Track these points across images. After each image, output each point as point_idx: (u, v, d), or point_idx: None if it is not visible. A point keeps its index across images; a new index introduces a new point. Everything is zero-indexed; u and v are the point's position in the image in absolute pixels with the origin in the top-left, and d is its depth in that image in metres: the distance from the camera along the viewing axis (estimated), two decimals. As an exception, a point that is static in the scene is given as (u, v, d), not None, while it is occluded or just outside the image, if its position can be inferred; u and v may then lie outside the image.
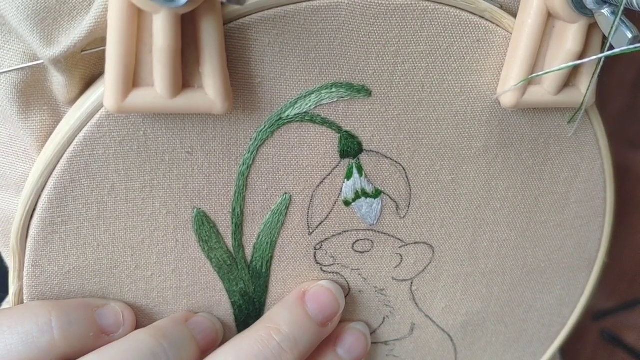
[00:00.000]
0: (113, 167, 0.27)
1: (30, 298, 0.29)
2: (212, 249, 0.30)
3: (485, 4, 0.27)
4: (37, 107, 0.27)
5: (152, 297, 0.31)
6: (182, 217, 0.29)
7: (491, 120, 0.30)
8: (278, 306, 0.31)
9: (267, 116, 0.28)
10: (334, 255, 0.32)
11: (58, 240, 0.28)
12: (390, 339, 0.36)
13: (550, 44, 0.27)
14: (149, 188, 0.28)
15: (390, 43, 0.27)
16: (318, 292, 0.32)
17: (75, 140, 0.26)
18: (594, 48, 0.28)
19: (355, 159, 0.30)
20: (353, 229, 0.32)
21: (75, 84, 0.26)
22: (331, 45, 0.27)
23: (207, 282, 0.31)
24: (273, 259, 0.31)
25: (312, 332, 0.30)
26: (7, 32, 0.25)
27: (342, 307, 0.32)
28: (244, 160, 0.29)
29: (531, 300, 0.37)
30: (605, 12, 0.25)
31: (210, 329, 0.31)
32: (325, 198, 0.31)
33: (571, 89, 0.29)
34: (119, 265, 0.29)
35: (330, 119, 0.29)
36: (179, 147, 0.27)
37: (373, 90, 0.28)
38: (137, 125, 0.26)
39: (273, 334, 0.29)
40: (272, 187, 0.30)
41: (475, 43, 0.28)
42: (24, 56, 0.25)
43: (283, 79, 0.27)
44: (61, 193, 0.27)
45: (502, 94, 0.28)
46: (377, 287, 0.34)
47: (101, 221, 0.28)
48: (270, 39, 0.26)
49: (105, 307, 0.29)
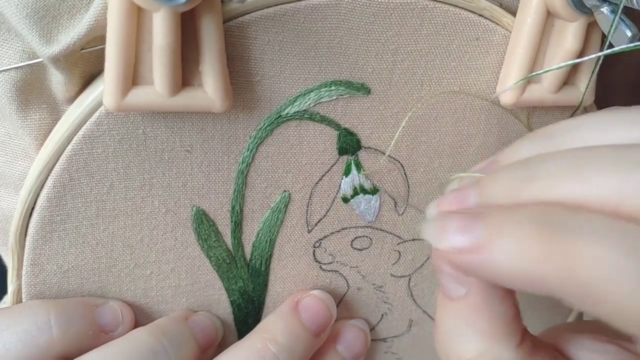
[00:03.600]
0: (112, 166, 0.27)
1: (28, 297, 0.29)
2: (211, 248, 0.30)
3: (484, 3, 0.27)
4: (36, 105, 0.26)
5: (151, 295, 0.30)
6: (181, 215, 0.29)
7: (490, 118, 0.30)
8: (272, 316, 0.31)
9: (266, 114, 0.28)
10: (333, 253, 0.32)
11: (57, 238, 0.28)
12: (389, 336, 0.36)
13: (549, 42, 0.27)
14: (148, 186, 0.28)
15: (390, 41, 0.27)
16: (311, 302, 0.32)
17: (75, 139, 0.26)
18: (593, 46, 0.28)
19: (354, 155, 0.30)
20: (352, 226, 0.32)
21: (74, 82, 0.26)
22: (330, 44, 0.27)
23: (206, 280, 0.31)
24: (272, 257, 0.31)
25: (307, 342, 0.31)
26: (6, 31, 0.25)
27: (334, 317, 0.32)
28: (243, 159, 0.29)
29: (531, 299, 0.37)
30: (605, 11, 0.25)
31: (209, 328, 0.31)
32: (324, 195, 0.31)
33: (570, 87, 0.29)
34: (117, 264, 0.29)
35: (329, 117, 0.29)
36: (178, 146, 0.27)
37: (372, 88, 0.28)
38: (137, 124, 0.26)
39: (269, 345, 0.29)
40: (271, 185, 0.30)
41: (475, 41, 0.28)
42: (23, 54, 0.25)
43: (282, 77, 0.27)
44: (60, 191, 0.27)
45: (502, 92, 0.28)
46: (375, 284, 0.34)
47: (100, 220, 0.28)
48: (269, 37, 0.26)
49: (104, 305, 0.29)
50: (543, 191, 0.20)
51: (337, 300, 0.33)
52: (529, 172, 0.21)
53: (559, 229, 0.18)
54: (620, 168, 0.19)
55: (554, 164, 0.21)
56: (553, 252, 0.18)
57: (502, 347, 0.23)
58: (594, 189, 0.20)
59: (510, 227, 0.19)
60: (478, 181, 0.23)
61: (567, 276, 0.18)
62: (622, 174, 0.19)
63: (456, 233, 0.20)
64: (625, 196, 0.19)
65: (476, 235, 0.20)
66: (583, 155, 0.21)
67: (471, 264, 0.20)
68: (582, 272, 0.18)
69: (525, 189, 0.21)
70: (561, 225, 0.19)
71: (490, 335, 0.23)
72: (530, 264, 0.19)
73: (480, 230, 0.20)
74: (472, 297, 0.23)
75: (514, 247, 0.19)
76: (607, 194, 0.19)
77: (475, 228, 0.20)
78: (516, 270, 0.19)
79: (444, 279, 0.24)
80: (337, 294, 0.34)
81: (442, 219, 0.21)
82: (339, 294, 0.34)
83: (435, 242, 0.21)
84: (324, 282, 0.33)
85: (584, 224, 0.18)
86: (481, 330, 0.23)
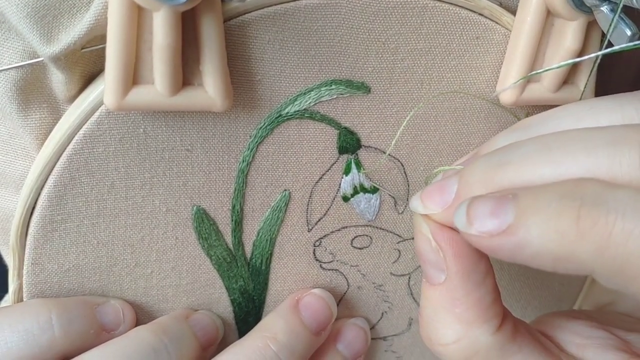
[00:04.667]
0: (113, 165, 0.27)
1: (29, 296, 0.29)
2: (212, 247, 0.30)
3: (484, 2, 0.27)
4: (36, 104, 0.26)
5: (152, 294, 0.31)
6: (181, 214, 0.29)
7: (489, 117, 0.31)
8: (273, 314, 0.31)
9: (266, 113, 0.28)
10: (333, 252, 0.32)
11: (58, 238, 0.28)
12: (389, 335, 0.36)
13: (549, 41, 0.27)
14: (149, 186, 0.28)
15: (390, 40, 0.27)
16: (311, 300, 0.32)
17: (75, 138, 0.26)
18: (593, 46, 0.28)
19: (354, 154, 0.30)
20: (352, 225, 0.32)
21: (75, 81, 0.26)
22: (331, 43, 0.27)
23: (206, 279, 0.31)
24: (272, 256, 0.31)
25: (307, 340, 0.31)
26: (7, 30, 0.25)
27: (334, 315, 0.32)
28: (244, 158, 0.29)
29: (529, 296, 0.37)
30: (605, 10, 0.25)
31: (210, 326, 0.31)
32: (324, 194, 0.31)
33: (570, 86, 0.29)
34: (118, 263, 0.29)
35: (329, 116, 0.29)
36: (178, 145, 0.27)
37: (372, 87, 0.28)
38: (137, 123, 0.26)
39: (270, 344, 0.29)
40: (271, 184, 0.30)
41: (475, 40, 0.28)
42: (23, 54, 0.25)
43: (283, 77, 0.27)
44: (61, 191, 0.27)
45: (502, 91, 0.28)
46: (375, 283, 0.34)
47: (101, 219, 0.28)
48: (270, 36, 0.26)
49: (105, 304, 0.29)
50: (515, 174, 0.21)
51: (337, 299, 0.34)
52: (502, 157, 0.22)
53: (591, 204, 0.18)
54: (589, 149, 0.20)
55: (525, 149, 0.21)
56: (586, 228, 0.18)
57: (479, 332, 0.23)
58: (563, 170, 0.20)
59: (541, 206, 0.19)
60: (459, 171, 0.23)
61: (601, 252, 0.18)
62: (590, 154, 0.19)
63: (487, 217, 0.20)
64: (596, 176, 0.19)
65: (507, 218, 0.20)
66: (552, 139, 0.21)
67: (504, 246, 0.20)
68: (616, 247, 0.18)
69: (499, 173, 0.21)
70: (593, 200, 0.18)
71: (467, 320, 0.23)
72: (563, 242, 0.19)
73: (511, 212, 0.20)
74: (449, 282, 0.23)
75: (546, 226, 0.19)
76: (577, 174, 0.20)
77: (506, 210, 0.20)
78: (549, 249, 0.19)
79: (424, 265, 0.24)
80: (337, 292, 0.34)
81: (471, 204, 0.21)
82: (339, 293, 0.34)
83: (464, 228, 0.21)
84: (324, 281, 0.33)
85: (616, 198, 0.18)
86: (459, 315, 0.23)
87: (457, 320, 0.23)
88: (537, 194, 0.20)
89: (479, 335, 0.23)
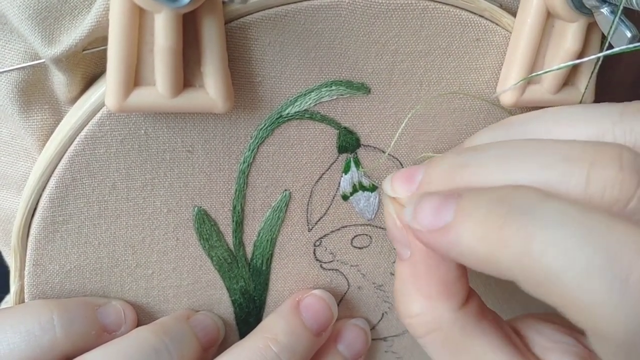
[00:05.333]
0: (114, 166, 0.27)
1: (31, 297, 0.29)
2: (213, 247, 0.30)
3: (485, 3, 0.27)
4: (38, 106, 0.27)
5: (153, 295, 0.31)
6: (182, 215, 0.29)
7: (489, 118, 0.31)
8: (274, 315, 0.31)
9: (267, 114, 0.28)
10: (334, 252, 0.32)
11: (59, 239, 0.28)
12: (389, 335, 0.36)
13: (549, 43, 0.27)
14: (150, 187, 0.28)
15: (390, 42, 0.27)
16: (312, 301, 0.32)
17: (77, 139, 0.26)
18: (593, 47, 0.28)
19: (353, 153, 0.30)
20: (351, 224, 0.32)
21: (76, 83, 0.26)
22: (331, 44, 0.27)
23: (207, 280, 0.31)
24: (273, 256, 0.31)
25: (308, 341, 0.31)
26: (9, 32, 0.25)
27: (335, 316, 0.32)
28: (245, 158, 0.29)
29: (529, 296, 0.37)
30: (605, 11, 0.25)
31: (211, 327, 0.31)
32: (324, 193, 0.31)
33: (570, 88, 0.29)
34: (119, 264, 0.29)
35: (329, 116, 0.29)
36: (179, 146, 0.27)
37: (372, 87, 0.29)
38: (138, 124, 0.26)
39: (271, 345, 0.29)
40: (272, 185, 0.30)
41: (475, 42, 0.28)
42: (25, 55, 0.25)
43: (283, 78, 0.27)
44: (62, 192, 0.27)
45: (502, 92, 0.28)
46: (375, 283, 0.34)
47: (102, 220, 0.28)
48: (271, 38, 0.26)
49: (106, 305, 0.29)
50: (471, 177, 0.22)
51: (337, 300, 0.34)
52: (465, 159, 0.22)
53: (517, 212, 0.19)
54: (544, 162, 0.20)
55: (486, 154, 0.22)
56: (508, 235, 0.18)
57: (441, 307, 0.24)
58: (514, 178, 0.20)
59: (474, 209, 0.20)
60: (429, 161, 0.24)
61: (520, 261, 0.18)
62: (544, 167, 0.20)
63: (429, 213, 0.21)
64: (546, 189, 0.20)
65: (447, 216, 0.20)
66: (513, 147, 0.22)
67: (438, 243, 0.21)
68: (534, 258, 0.18)
69: (458, 173, 0.22)
70: (521, 208, 0.19)
71: (429, 295, 0.24)
72: (488, 247, 0.19)
73: (452, 211, 0.20)
74: (412, 258, 0.24)
75: (475, 229, 0.19)
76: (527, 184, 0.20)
77: (448, 209, 0.21)
78: (477, 252, 0.19)
79: (393, 242, 0.25)
80: (337, 293, 0.34)
81: (419, 200, 0.22)
82: (339, 293, 0.34)
83: (409, 221, 0.22)
84: (325, 281, 0.33)
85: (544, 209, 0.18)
86: (422, 290, 0.24)
87: (420, 294, 0.24)
88: (476, 197, 0.20)
89: (442, 311, 0.24)
